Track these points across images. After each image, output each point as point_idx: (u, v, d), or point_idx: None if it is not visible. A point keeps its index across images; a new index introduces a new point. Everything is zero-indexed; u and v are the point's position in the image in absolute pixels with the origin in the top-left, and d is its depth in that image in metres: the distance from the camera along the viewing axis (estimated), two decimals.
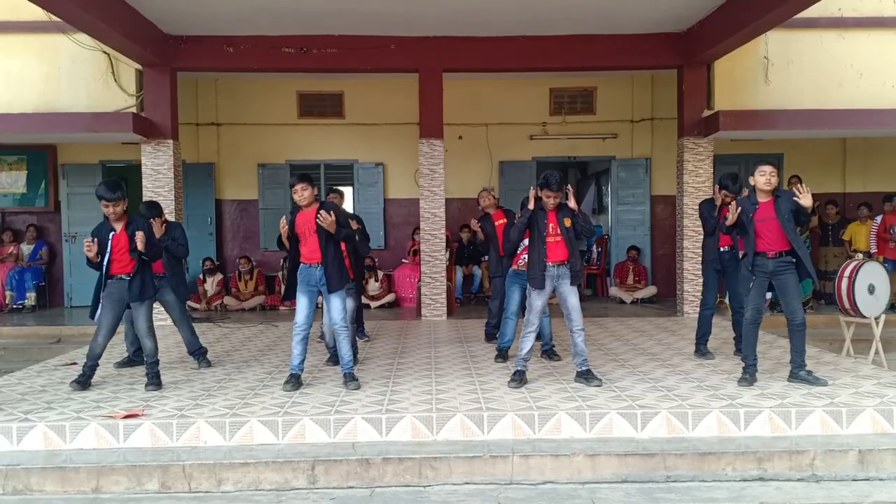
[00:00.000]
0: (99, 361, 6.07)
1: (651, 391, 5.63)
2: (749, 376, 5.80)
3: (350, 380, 5.90)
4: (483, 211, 7.79)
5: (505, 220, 7.42)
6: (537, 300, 5.80)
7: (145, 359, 6.07)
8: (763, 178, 5.73)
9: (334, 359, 6.72)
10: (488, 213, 7.71)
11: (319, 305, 6.25)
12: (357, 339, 7.32)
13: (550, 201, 5.76)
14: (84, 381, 6.00)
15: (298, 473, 4.69)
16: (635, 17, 9.26)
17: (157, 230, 6.75)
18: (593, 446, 4.86)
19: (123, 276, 5.88)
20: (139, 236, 5.79)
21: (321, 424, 5.04)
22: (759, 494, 4.49)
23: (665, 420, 5.05)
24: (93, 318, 5.98)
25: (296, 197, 5.90)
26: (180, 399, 5.62)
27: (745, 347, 5.94)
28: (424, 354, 7.38)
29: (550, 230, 5.79)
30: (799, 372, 5.81)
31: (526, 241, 6.57)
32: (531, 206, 5.83)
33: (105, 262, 5.84)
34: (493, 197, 7.84)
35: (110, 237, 5.85)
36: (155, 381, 5.99)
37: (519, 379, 5.83)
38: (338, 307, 5.95)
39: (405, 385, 5.98)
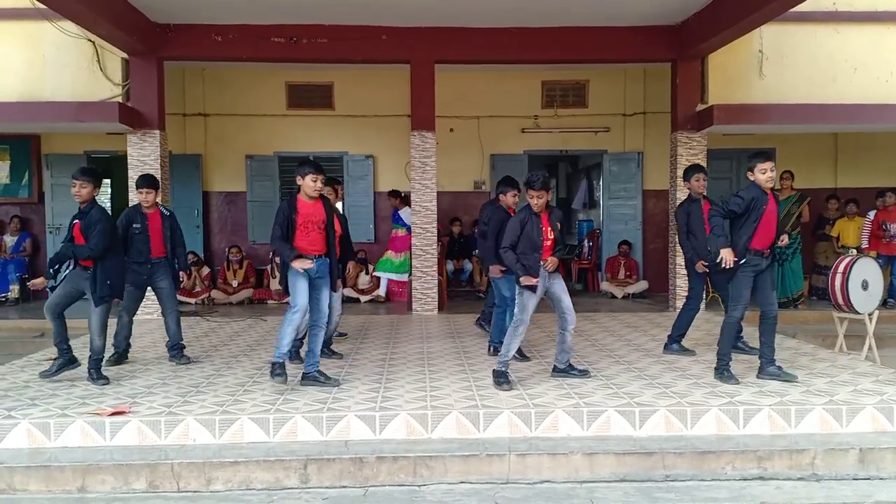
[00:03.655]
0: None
1: (648, 388, 5.56)
2: (728, 373, 5.73)
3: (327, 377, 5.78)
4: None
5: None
6: (531, 300, 5.61)
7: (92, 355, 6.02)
8: (765, 175, 5.63)
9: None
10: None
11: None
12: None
13: (534, 201, 5.61)
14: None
15: (290, 472, 4.59)
16: (629, 10, 9.17)
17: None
18: (591, 445, 4.78)
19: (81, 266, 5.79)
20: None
21: (313, 422, 4.93)
22: (760, 494, 4.43)
23: (663, 418, 4.98)
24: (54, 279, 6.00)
25: (313, 186, 5.59)
26: (168, 396, 5.49)
27: (726, 345, 5.79)
28: (417, 350, 7.27)
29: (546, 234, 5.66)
30: (769, 367, 5.78)
31: None
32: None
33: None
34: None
35: (74, 224, 5.84)
36: (100, 377, 5.93)
37: (507, 381, 5.63)
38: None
39: (398, 382, 5.87)
